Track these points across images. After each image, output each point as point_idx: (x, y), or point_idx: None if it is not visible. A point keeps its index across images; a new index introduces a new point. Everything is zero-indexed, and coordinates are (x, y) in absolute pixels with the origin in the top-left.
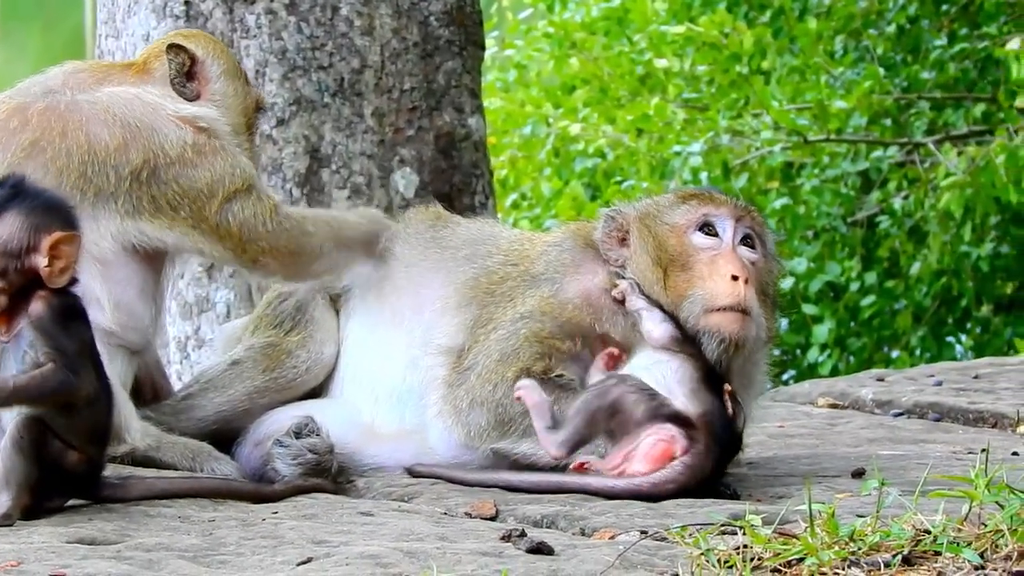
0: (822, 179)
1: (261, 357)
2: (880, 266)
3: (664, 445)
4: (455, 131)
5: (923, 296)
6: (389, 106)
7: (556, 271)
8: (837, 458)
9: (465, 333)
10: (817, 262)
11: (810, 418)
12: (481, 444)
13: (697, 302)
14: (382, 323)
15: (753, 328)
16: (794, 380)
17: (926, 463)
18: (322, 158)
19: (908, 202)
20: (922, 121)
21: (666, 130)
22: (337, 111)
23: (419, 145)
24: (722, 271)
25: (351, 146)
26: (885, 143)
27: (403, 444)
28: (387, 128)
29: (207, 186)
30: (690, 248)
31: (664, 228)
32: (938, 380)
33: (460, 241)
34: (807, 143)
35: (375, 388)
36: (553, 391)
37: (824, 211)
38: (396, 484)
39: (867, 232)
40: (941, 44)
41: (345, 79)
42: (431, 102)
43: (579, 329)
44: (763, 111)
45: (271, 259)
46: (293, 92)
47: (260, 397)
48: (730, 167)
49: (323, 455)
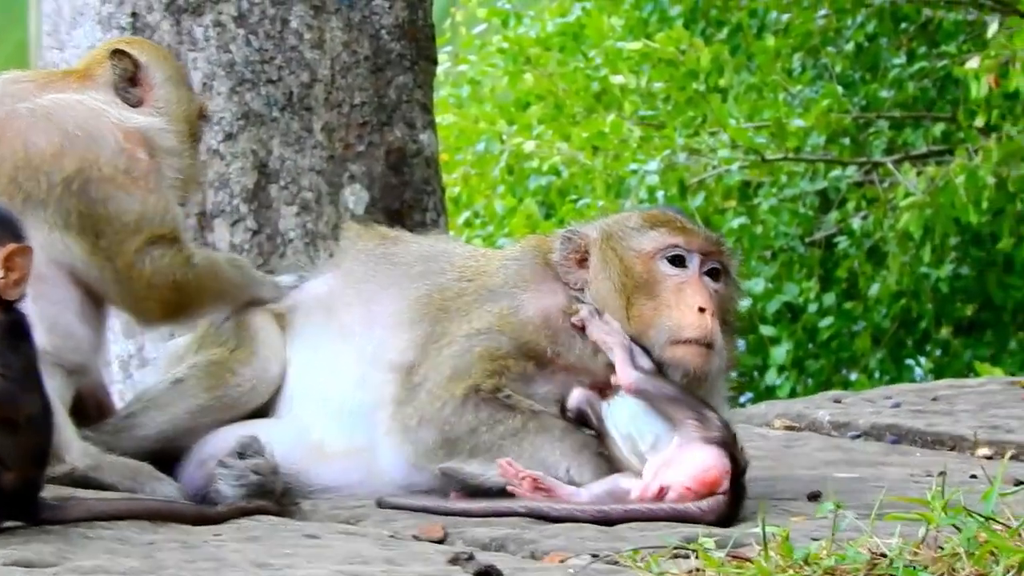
0: (780, 198)
1: (204, 375)
2: (838, 287)
3: (717, 475)
4: (406, 147)
5: (882, 318)
6: (339, 121)
7: (515, 286)
8: (793, 480)
9: (416, 349)
10: (775, 282)
11: (766, 440)
12: (429, 463)
13: (663, 332)
14: (331, 340)
15: (716, 361)
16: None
17: (883, 486)
18: (270, 173)
19: (867, 222)
20: (881, 140)
21: (622, 148)
22: (286, 125)
23: (369, 161)
24: (689, 302)
25: (300, 161)
26: (844, 162)
27: (352, 464)
28: (337, 143)
29: (135, 221)
30: (657, 275)
31: (630, 253)
32: (896, 402)
33: (413, 258)
34: (765, 162)
35: (323, 406)
36: (499, 410)
37: (782, 231)
38: (343, 506)
39: (825, 252)
40: (900, 63)
41: (294, 93)
42: (382, 117)
43: (535, 352)
44: (720, 129)
45: (158, 307)
46: (241, 106)
47: (203, 416)
48: (687, 185)
49: (267, 476)
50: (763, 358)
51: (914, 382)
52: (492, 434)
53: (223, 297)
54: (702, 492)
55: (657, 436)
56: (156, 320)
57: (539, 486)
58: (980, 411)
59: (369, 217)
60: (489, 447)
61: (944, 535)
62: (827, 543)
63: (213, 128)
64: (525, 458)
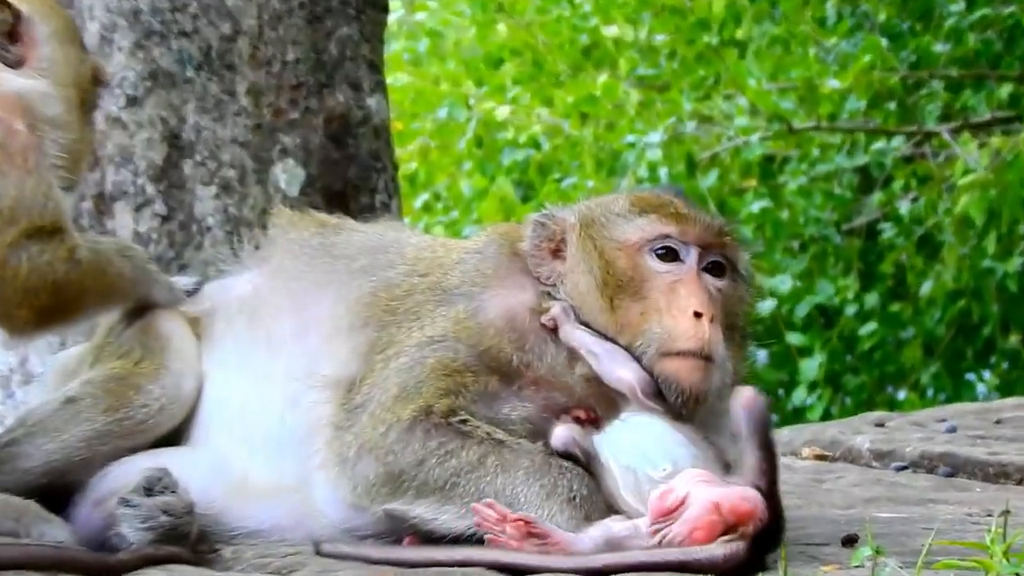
0: (811, 176)
1: (103, 394)
2: (883, 285)
3: (751, 509)
4: (350, 113)
5: (936, 323)
6: (268, 82)
7: (474, 285)
8: (824, 521)
9: (359, 361)
10: (805, 280)
11: (792, 472)
12: (370, 503)
13: (652, 341)
14: (256, 351)
15: (717, 377)
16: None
17: (933, 528)
18: (184, 146)
19: (917, 206)
20: (935, 105)
21: (617, 115)
22: (203, 88)
23: (305, 131)
24: (682, 304)
25: (220, 131)
26: (889, 132)
27: (281, 503)
28: (265, 109)
29: (8, 209)
30: (644, 272)
31: (612, 245)
32: (951, 426)
33: (356, 249)
34: (792, 132)
35: (247, 433)
36: (452, 439)
37: (813, 216)
38: (272, 553)
39: (866, 243)
40: (958, 10)
41: (213, 48)
42: (320, 77)
43: (498, 362)
44: (737, 92)
45: (31, 314)
46: (148, 64)
47: (102, 444)
48: (696, 162)
49: (180, 517)
50: (790, 373)
51: (975, 401)
52: (443, 468)
53: (108, 298)
54: (729, 521)
55: (676, 462)
56: (26, 329)
57: (532, 531)
58: None
59: (305, 200)
60: (441, 485)
61: None
62: None
63: (114, 92)
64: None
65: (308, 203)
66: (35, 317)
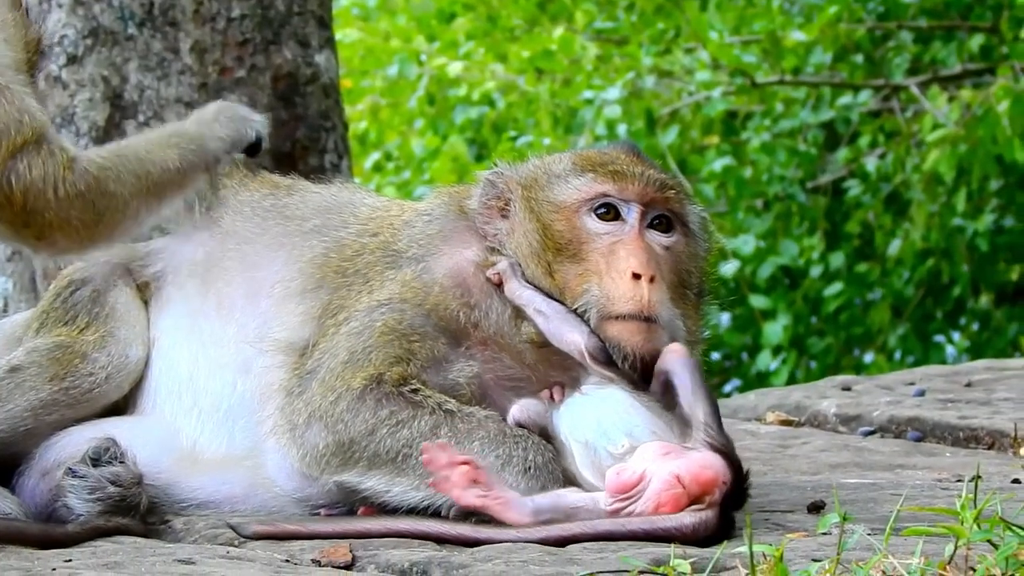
0: (774, 133)
1: (48, 362)
2: (849, 245)
3: (714, 476)
4: (298, 71)
5: (904, 283)
6: (213, 39)
7: (421, 247)
8: (789, 488)
9: (312, 324)
10: (768, 240)
11: (756, 438)
12: (320, 474)
13: (592, 305)
14: (206, 316)
15: (664, 337)
16: (739, 391)
17: (901, 494)
18: (126, 106)
19: (885, 162)
20: (903, 58)
21: (573, 70)
22: (145, 45)
23: (252, 89)
24: (621, 266)
25: (163, 90)
26: (855, 86)
27: (232, 473)
28: (210, 67)
29: None
30: (583, 234)
31: (550, 206)
32: (920, 389)
33: (310, 210)
34: (755, 87)
35: (197, 401)
36: (404, 408)
37: (777, 174)
38: (224, 524)
39: (832, 201)
40: None
41: (155, 4)
42: (267, 34)
43: (446, 321)
44: (698, 45)
45: (60, 234)
46: (88, 21)
47: (47, 413)
48: (656, 118)
49: (128, 488)
50: (754, 336)
51: (944, 364)
52: (395, 439)
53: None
54: (693, 491)
55: (633, 436)
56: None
57: (477, 479)
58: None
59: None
60: (393, 456)
61: (977, 553)
62: (831, 564)
63: (53, 50)
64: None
65: (256, 164)
66: (63, 239)
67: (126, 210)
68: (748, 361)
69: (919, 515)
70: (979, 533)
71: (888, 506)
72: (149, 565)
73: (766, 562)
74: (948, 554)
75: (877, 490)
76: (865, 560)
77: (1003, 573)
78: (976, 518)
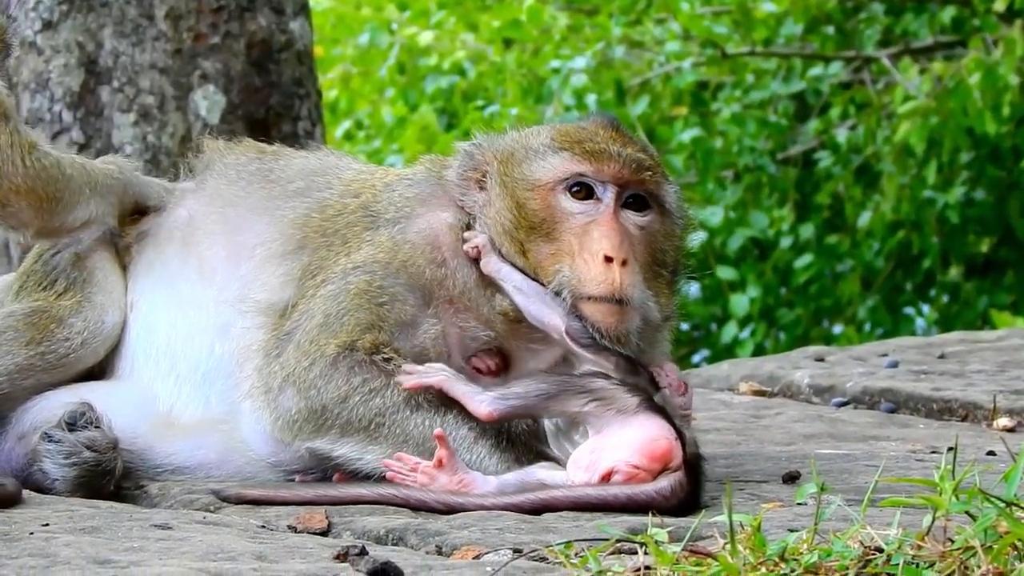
0: (745, 104)
1: (24, 326)
2: (819, 216)
3: (667, 444)
4: (272, 38)
5: (874, 255)
6: (188, 5)
7: (399, 209)
8: (764, 458)
9: (292, 285)
10: (738, 211)
11: (729, 408)
12: (293, 439)
13: (564, 285)
14: (186, 279)
15: (636, 319)
16: (707, 362)
17: (877, 465)
18: (101, 72)
19: (855, 134)
20: (874, 29)
21: (543, 40)
22: (120, 11)
23: (226, 56)
24: (594, 248)
25: (138, 57)
26: (826, 57)
27: (208, 437)
28: (185, 34)
29: None
30: (557, 213)
31: (524, 184)
32: (893, 360)
33: (294, 173)
34: (725, 57)
35: (175, 364)
36: (376, 377)
37: (747, 145)
38: (200, 489)
39: (802, 172)
40: None
41: None
42: (241, 0)
43: (414, 277)
44: (669, 16)
45: (25, 204)
46: None
47: (23, 378)
48: (625, 88)
49: (104, 452)
50: (722, 307)
51: (915, 335)
52: (367, 407)
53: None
54: (654, 468)
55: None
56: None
57: (441, 462)
58: (999, 372)
59: (226, 128)
60: (365, 425)
61: (955, 524)
62: (808, 535)
63: (28, 15)
64: (411, 444)
65: (229, 131)
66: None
67: (79, 196)
68: (717, 332)
69: (895, 486)
70: (958, 504)
71: (863, 477)
72: (126, 530)
73: (743, 532)
74: (926, 525)
75: (851, 461)
76: (843, 531)
77: (981, 545)
78: (954, 490)
